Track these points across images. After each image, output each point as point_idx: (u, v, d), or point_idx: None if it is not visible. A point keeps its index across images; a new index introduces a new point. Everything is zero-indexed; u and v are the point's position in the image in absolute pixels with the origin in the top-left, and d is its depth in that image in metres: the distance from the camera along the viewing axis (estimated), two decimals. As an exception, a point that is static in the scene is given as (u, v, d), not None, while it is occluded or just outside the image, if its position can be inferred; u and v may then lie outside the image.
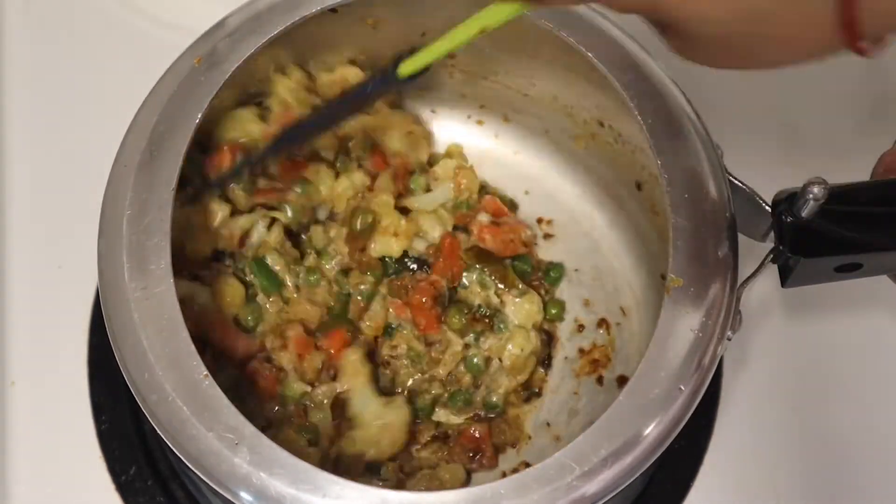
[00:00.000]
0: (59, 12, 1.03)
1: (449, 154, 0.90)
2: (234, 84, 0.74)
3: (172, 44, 0.76)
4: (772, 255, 0.70)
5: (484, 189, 0.89)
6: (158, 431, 0.62)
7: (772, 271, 0.72)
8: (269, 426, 0.76)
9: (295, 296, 0.80)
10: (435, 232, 0.84)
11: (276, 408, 0.78)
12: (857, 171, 0.71)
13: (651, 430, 0.63)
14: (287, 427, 0.76)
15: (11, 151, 0.96)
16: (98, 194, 0.70)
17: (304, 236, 0.83)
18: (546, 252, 0.90)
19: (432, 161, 0.89)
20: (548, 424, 0.83)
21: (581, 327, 0.87)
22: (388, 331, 0.82)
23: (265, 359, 0.78)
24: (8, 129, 0.97)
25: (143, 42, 1.00)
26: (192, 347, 0.63)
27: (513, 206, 0.91)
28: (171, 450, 0.63)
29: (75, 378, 0.87)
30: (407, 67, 0.63)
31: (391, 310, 0.82)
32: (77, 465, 0.85)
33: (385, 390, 0.81)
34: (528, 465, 0.75)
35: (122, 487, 0.84)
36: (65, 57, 1.01)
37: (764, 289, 0.90)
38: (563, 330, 0.87)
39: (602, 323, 0.87)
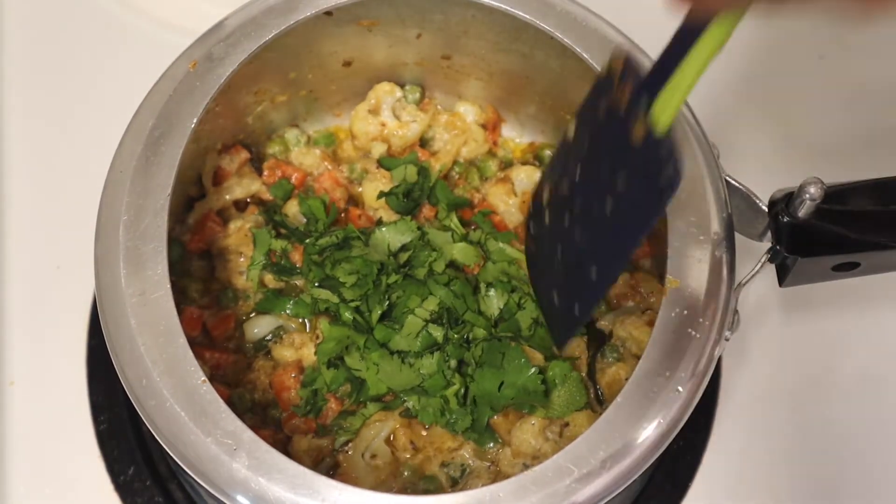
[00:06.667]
0: (59, 12, 1.03)
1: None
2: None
3: (171, 45, 0.76)
4: (769, 255, 0.70)
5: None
6: (157, 437, 0.62)
7: (769, 271, 0.72)
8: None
9: None
10: None
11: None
12: (853, 171, 0.71)
13: (649, 432, 0.63)
14: None
15: (10, 151, 0.96)
16: (97, 194, 0.70)
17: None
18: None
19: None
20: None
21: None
22: None
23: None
24: (7, 129, 0.97)
25: (142, 43, 1.01)
26: (190, 353, 0.63)
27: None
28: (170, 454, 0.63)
29: (74, 378, 0.87)
30: (664, 112, 0.56)
31: None
32: (76, 465, 0.85)
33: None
34: (526, 466, 0.74)
35: (120, 487, 0.84)
36: (64, 57, 1.01)
37: (761, 288, 0.90)
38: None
39: None
